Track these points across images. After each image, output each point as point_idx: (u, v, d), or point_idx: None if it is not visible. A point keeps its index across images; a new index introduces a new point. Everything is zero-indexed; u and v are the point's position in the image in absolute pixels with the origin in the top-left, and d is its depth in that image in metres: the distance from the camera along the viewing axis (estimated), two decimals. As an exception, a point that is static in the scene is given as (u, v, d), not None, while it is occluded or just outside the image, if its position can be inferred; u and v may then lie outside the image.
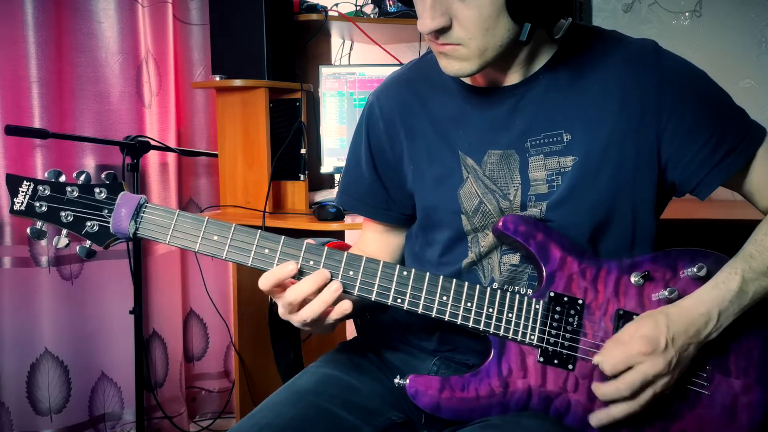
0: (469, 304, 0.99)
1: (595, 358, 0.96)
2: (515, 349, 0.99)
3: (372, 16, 2.33)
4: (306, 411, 1.04)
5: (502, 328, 0.99)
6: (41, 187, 0.99)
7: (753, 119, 1.05)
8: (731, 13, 2.34)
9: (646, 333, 0.93)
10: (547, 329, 0.99)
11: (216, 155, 2.27)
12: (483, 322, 0.99)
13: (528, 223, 1.02)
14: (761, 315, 1.00)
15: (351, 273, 0.98)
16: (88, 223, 0.99)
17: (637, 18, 2.44)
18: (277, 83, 2.12)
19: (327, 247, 0.98)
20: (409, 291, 0.98)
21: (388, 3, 2.29)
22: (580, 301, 1.00)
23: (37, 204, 0.99)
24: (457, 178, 1.08)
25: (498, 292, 1.00)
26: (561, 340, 0.99)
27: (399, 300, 0.98)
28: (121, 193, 0.99)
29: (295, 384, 1.11)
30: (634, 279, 1.00)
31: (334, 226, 1.95)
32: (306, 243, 0.98)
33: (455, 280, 0.99)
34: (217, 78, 2.14)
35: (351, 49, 2.66)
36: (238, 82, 2.10)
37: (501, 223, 1.02)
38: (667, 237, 1.09)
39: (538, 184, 1.04)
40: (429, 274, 0.99)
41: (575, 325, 0.99)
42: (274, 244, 0.97)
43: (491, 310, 0.99)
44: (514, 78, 1.05)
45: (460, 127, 1.09)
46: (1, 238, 2.07)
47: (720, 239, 1.11)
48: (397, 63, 2.38)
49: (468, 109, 1.09)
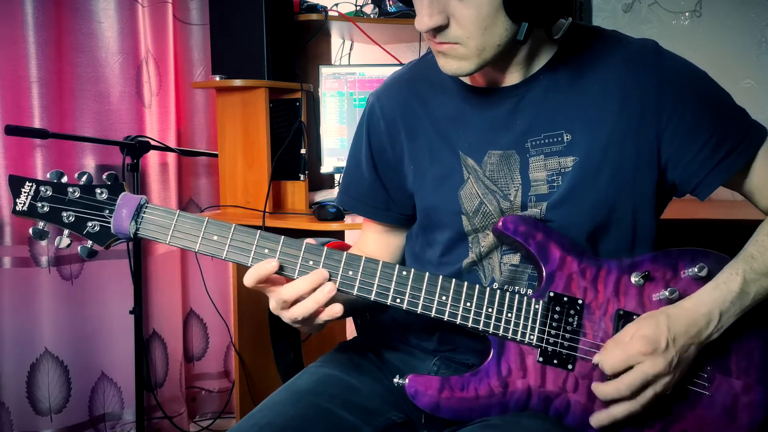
0: (469, 303, 0.99)
1: (595, 357, 0.96)
2: (515, 349, 0.99)
3: (372, 16, 2.33)
4: (306, 411, 1.04)
5: (501, 327, 0.99)
6: (43, 188, 0.99)
7: (754, 119, 1.05)
8: (731, 13, 2.34)
9: (646, 333, 0.93)
10: (547, 329, 0.99)
11: (216, 155, 2.27)
12: (482, 321, 0.99)
13: (528, 223, 1.02)
14: (762, 315, 1.00)
15: (350, 273, 0.98)
16: (89, 224, 0.99)
17: (637, 18, 2.44)
18: (277, 83, 2.12)
19: (326, 247, 0.98)
20: (408, 291, 0.98)
21: (388, 3, 2.29)
22: (579, 301, 1.00)
23: (39, 204, 0.99)
24: (458, 178, 1.08)
25: (497, 291, 1.00)
26: (561, 340, 0.99)
27: (398, 300, 0.98)
28: (122, 194, 0.99)
29: (295, 384, 1.11)
30: (634, 279, 1.00)
31: (334, 226, 1.95)
32: (305, 243, 0.98)
33: (454, 279, 0.99)
34: (217, 78, 2.14)
35: (351, 49, 2.66)
36: (238, 82, 2.10)
37: (501, 223, 1.02)
38: (667, 237, 1.09)
39: (538, 184, 1.04)
40: (428, 273, 0.99)
41: (575, 325, 0.99)
42: (273, 244, 0.97)
43: (491, 309, 0.99)
44: (514, 78, 1.05)
45: (460, 128, 1.09)
46: (2, 238, 2.07)
47: (720, 239, 1.11)
48: (397, 63, 2.38)
49: (468, 110, 1.09)
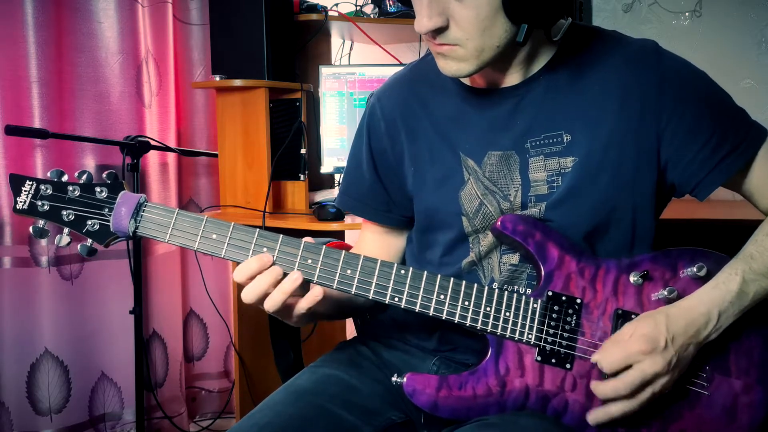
0: (467, 302, 0.99)
1: (594, 356, 0.96)
2: (513, 348, 0.99)
3: (372, 16, 2.34)
4: (305, 410, 1.04)
5: (499, 327, 0.99)
6: (43, 187, 1.00)
7: (753, 119, 1.05)
8: (731, 13, 2.34)
9: (645, 332, 0.93)
10: (545, 328, 0.99)
11: (216, 155, 2.27)
12: (480, 320, 0.99)
13: (526, 223, 1.02)
14: (761, 315, 1.00)
15: (349, 272, 0.98)
16: (89, 222, 0.99)
17: (637, 18, 2.44)
18: (277, 83, 2.12)
19: (325, 246, 0.98)
20: (407, 289, 0.98)
21: (388, 3, 2.29)
22: (578, 301, 1.00)
23: (40, 203, 0.99)
24: (458, 179, 1.08)
25: (496, 290, 1.00)
26: (559, 339, 0.99)
27: (396, 298, 0.98)
28: (122, 192, 0.99)
29: (295, 383, 1.11)
30: (633, 278, 1.00)
31: (334, 226, 1.95)
32: (304, 242, 0.98)
33: (453, 278, 0.99)
34: (217, 78, 2.14)
35: (351, 49, 2.66)
36: (238, 82, 2.10)
37: (500, 223, 1.02)
38: (667, 237, 1.09)
39: (538, 184, 1.04)
40: (427, 272, 0.99)
41: (573, 325, 0.99)
42: (272, 243, 0.97)
43: (489, 308, 0.99)
44: (513, 79, 1.05)
45: (460, 129, 1.09)
46: (1, 238, 2.07)
47: (720, 239, 1.10)
48: (397, 63, 2.38)
49: (468, 110, 1.09)
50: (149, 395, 2.34)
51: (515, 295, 1.00)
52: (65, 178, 1.01)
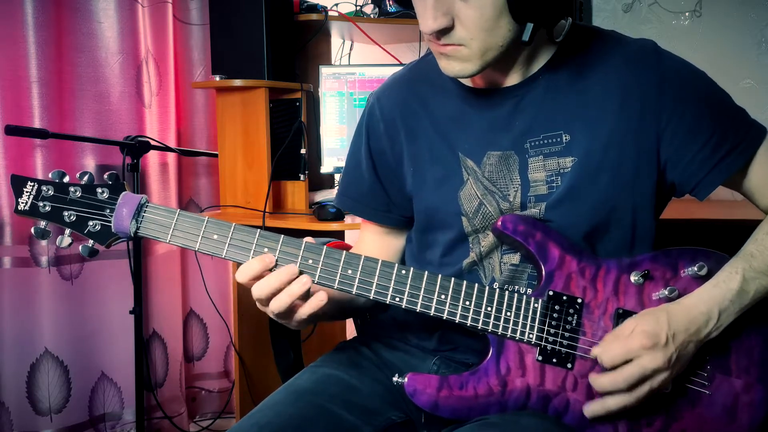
0: (468, 302, 0.99)
1: (594, 350, 0.96)
2: (514, 348, 0.99)
3: (372, 16, 2.34)
4: (306, 410, 1.04)
5: (500, 326, 0.99)
6: (45, 188, 1.00)
7: (753, 119, 1.05)
8: (731, 13, 2.34)
9: (646, 328, 0.93)
10: (546, 328, 0.99)
11: (216, 155, 2.27)
12: (481, 320, 0.99)
13: (527, 223, 1.02)
14: (762, 314, 1.00)
15: (349, 272, 0.98)
16: (90, 223, 0.99)
17: (637, 18, 2.44)
18: (277, 83, 2.12)
19: (326, 246, 0.98)
20: (408, 289, 0.98)
21: (388, 3, 2.29)
22: (579, 300, 1.00)
23: (41, 204, 0.99)
24: (458, 179, 1.08)
25: (496, 290, 1.00)
26: (560, 339, 0.99)
27: (397, 298, 0.98)
28: (123, 193, 0.99)
29: (295, 383, 1.11)
30: (633, 278, 1.00)
31: (334, 226, 1.95)
32: (305, 242, 0.98)
33: (454, 279, 0.99)
34: (217, 78, 2.14)
35: (351, 49, 2.66)
36: (238, 82, 2.10)
37: (500, 223, 1.02)
38: (667, 237, 1.09)
39: (537, 184, 1.04)
40: (427, 272, 0.99)
41: (574, 324, 0.99)
42: (273, 243, 0.97)
43: (489, 308, 0.99)
44: (513, 79, 1.05)
45: (460, 129, 1.09)
46: (2, 238, 2.07)
47: (720, 239, 1.10)
48: (397, 63, 2.38)
49: (468, 111, 1.09)
50: (149, 395, 2.34)
51: (516, 295, 1.00)
52: (67, 179, 1.01)
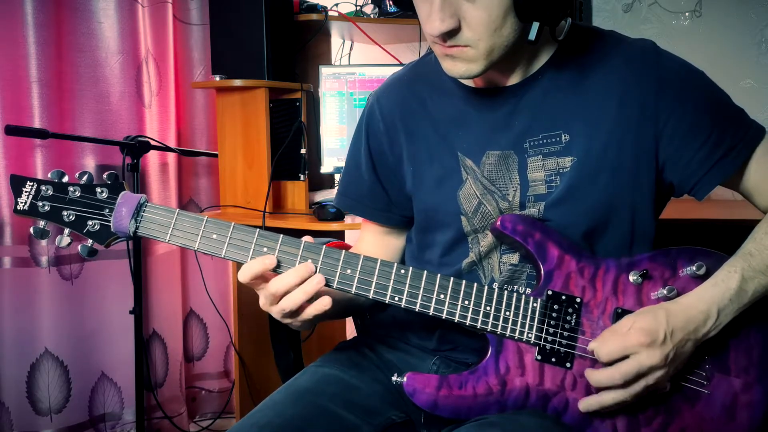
0: (467, 302, 0.99)
1: (591, 344, 0.96)
2: (513, 347, 0.99)
3: (372, 16, 2.34)
4: (306, 410, 1.04)
5: (499, 326, 0.99)
6: (44, 187, 1.00)
7: (752, 119, 1.05)
8: (731, 13, 2.34)
9: (644, 325, 0.93)
10: (545, 327, 0.99)
11: (216, 155, 2.27)
12: (480, 320, 0.99)
13: (526, 222, 1.02)
14: (761, 313, 1.00)
15: (348, 271, 0.98)
16: (89, 222, 1.00)
17: (637, 18, 2.44)
18: (277, 83, 2.12)
19: (325, 246, 0.98)
20: (407, 289, 0.98)
21: (388, 3, 2.29)
22: (578, 300, 1.00)
23: (40, 204, 0.99)
24: (457, 179, 1.08)
25: (495, 290, 1.00)
26: (559, 338, 0.99)
27: (396, 298, 0.98)
28: (122, 193, 1.00)
29: (295, 383, 1.11)
30: (632, 278, 1.01)
31: (334, 226, 1.95)
32: (304, 241, 0.98)
33: (453, 278, 0.99)
34: (217, 78, 2.14)
35: (351, 49, 2.66)
36: (238, 82, 2.10)
37: (499, 222, 1.02)
38: (667, 237, 1.09)
39: (536, 184, 1.04)
40: (427, 272, 0.99)
41: (573, 324, 0.99)
42: (272, 242, 0.97)
43: (489, 308, 0.99)
44: (513, 79, 1.05)
45: (459, 128, 1.09)
46: (1, 238, 2.07)
47: (720, 239, 1.10)
48: (397, 63, 2.38)
49: (467, 110, 1.09)
50: (149, 395, 2.34)
51: (515, 295, 1.00)
52: (66, 178, 1.01)
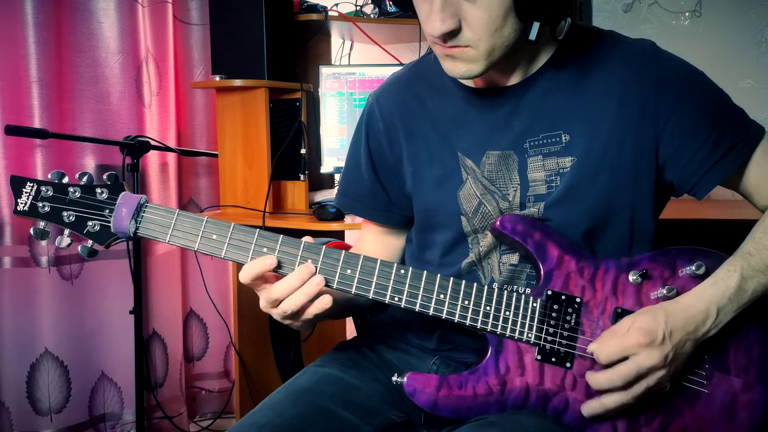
0: (467, 302, 0.99)
1: (591, 346, 0.96)
2: (513, 347, 1.00)
3: (372, 16, 2.34)
4: (306, 410, 1.04)
5: (499, 326, 0.99)
6: (44, 188, 1.00)
7: (752, 119, 1.05)
8: (731, 13, 2.34)
9: (643, 326, 0.93)
10: (545, 327, 0.99)
11: (216, 155, 2.27)
12: (480, 320, 0.99)
13: (525, 222, 1.02)
14: (761, 313, 1.00)
15: (348, 271, 0.98)
16: (89, 223, 1.00)
17: (637, 18, 2.44)
18: (277, 83, 2.12)
19: (325, 246, 0.98)
20: (407, 289, 0.98)
21: (388, 3, 2.29)
22: (577, 300, 1.00)
23: (40, 204, 1.00)
24: (457, 179, 1.08)
25: (495, 290, 1.00)
26: (558, 338, 0.99)
27: (396, 298, 0.98)
28: (122, 193, 1.00)
29: (295, 383, 1.11)
30: (632, 277, 1.01)
31: (334, 226, 1.95)
32: (304, 242, 0.98)
33: (452, 278, 0.99)
34: (217, 78, 2.14)
35: (351, 49, 2.66)
36: (238, 82, 2.10)
37: (499, 222, 1.02)
38: (667, 237, 1.09)
39: (536, 184, 1.04)
40: (426, 272, 0.99)
41: (573, 323, 0.99)
42: (272, 243, 0.97)
43: (488, 308, 0.99)
44: (513, 79, 1.05)
45: (459, 128, 1.09)
46: (2, 238, 2.07)
47: (720, 239, 1.10)
48: (397, 63, 2.38)
49: (467, 110, 1.09)
50: (149, 395, 2.34)
51: (515, 295, 1.00)
52: (66, 179, 1.01)
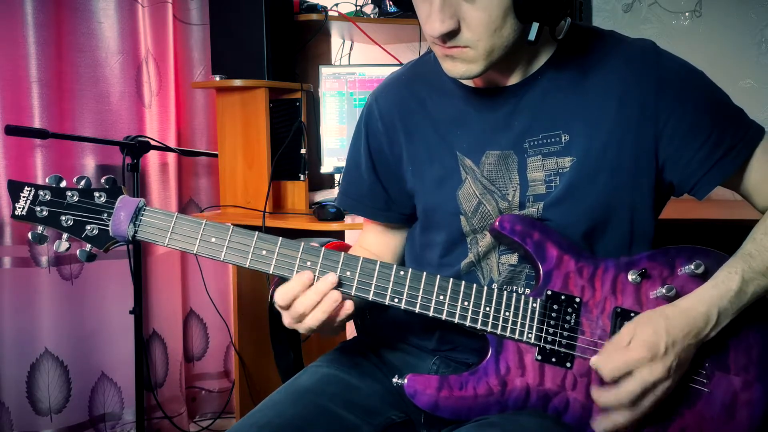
0: (466, 302, 0.99)
1: (593, 361, 0.95)
2: (513, 348, 0.99)
3: (372, 16, 2.34)
4: (306, 410, 1.04)
5: (499, 326, 0.99)
6: (42, 192, 1.00)
7: (752, 119, 1.05)
8: (731, 13, 2.34)
9: (645, 338, 0.92)
10: (545, 327, 0.99)
11: (216, 155, 2.27)
12: (480, 320, 0.99)
13: (524, 223, 1.02)
14: (761, 313, 1.00)
15: (348, 273, 0.98)
16: (87, 227, 1.00)
17: (637, 18, 2.44)
18: (277, 83, 2.12)
19: (324, 248, 0.98)
20: (407, 290, 0.98)
21: (388, 3, 2.29)
22: (577, 299, 1.00)
23: (38, 209, 0.99)
24: (456, 179, 1.08)
25: (495, 290, 1.00)
26: (558, 338, 0.99)
27: (396, 299, 0.98)
28: (120, 197, 1.00)
29: (295, 383, 1.11)
30: (631, 277, 1.01)
31: (334, 226, 1.95)
32: (303, 244, 0.98)
33: (452, 279, 0.99)
34: (217, 78, 2.14)
35: (351, 49, 2.66)
36: (238, 82, 2.10)
37: (498, 223, 1.02)
38: (667, 237, 1.09)
39: (536, 184, 1.04)
40: (426, 273, 0.99)
41: (573, 323, 0.99)
42: (271, 245, 0.97)
43: (488, 308, 0.99)
44: (513, 79, 1.05)
45: (459, 128, 1.09)
46: (1, 238, 2.08)
47: (720, 239, 1.10)
48: (397, 63, 2.38)
49: (467, 110, 1.09)
50: (149, 395, 2.35)
51: (514, 295, 1.00)
52: (64, 183, 1.01)
